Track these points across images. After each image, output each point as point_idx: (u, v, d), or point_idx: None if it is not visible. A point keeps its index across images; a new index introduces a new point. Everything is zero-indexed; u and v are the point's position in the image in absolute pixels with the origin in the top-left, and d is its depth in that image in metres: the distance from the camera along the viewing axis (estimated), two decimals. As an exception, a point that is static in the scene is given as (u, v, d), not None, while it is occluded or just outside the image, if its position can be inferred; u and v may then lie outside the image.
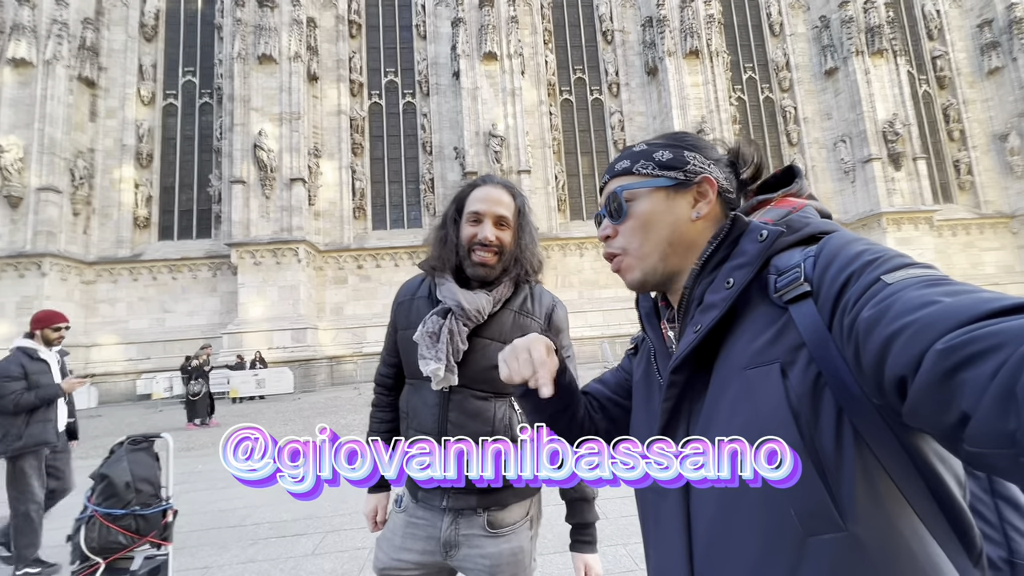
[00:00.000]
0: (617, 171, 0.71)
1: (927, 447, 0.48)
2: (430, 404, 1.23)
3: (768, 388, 0.51)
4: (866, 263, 0.49)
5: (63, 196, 16.71)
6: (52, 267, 16.04)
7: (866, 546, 0.45)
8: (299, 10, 18.47)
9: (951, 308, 0.39)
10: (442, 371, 1.17)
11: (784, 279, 0.55)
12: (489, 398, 1.22)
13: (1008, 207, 21.89)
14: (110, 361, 17.06)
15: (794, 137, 22.10)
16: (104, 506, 2.04)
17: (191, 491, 4.75)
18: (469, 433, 1.19)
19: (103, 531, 2.00)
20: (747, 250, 0.59)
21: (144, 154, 18.78)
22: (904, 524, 0.46)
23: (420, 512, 1.25)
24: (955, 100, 22.85)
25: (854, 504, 0.46)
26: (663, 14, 20.37)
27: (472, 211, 1.25)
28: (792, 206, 0.65)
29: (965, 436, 0.35)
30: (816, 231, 0.59)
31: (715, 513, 0.54)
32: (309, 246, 17.50)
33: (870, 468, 0.47)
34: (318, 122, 19.43)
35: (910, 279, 0.45)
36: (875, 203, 19.83)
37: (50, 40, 17.03)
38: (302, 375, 15.78)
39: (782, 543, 0.48)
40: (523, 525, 1.25)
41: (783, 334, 0.53)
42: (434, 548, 1.22)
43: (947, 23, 23.41)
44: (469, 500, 1.20)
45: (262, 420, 9.90)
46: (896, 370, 0.40)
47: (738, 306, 0.58)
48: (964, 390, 0.35)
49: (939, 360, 0.36)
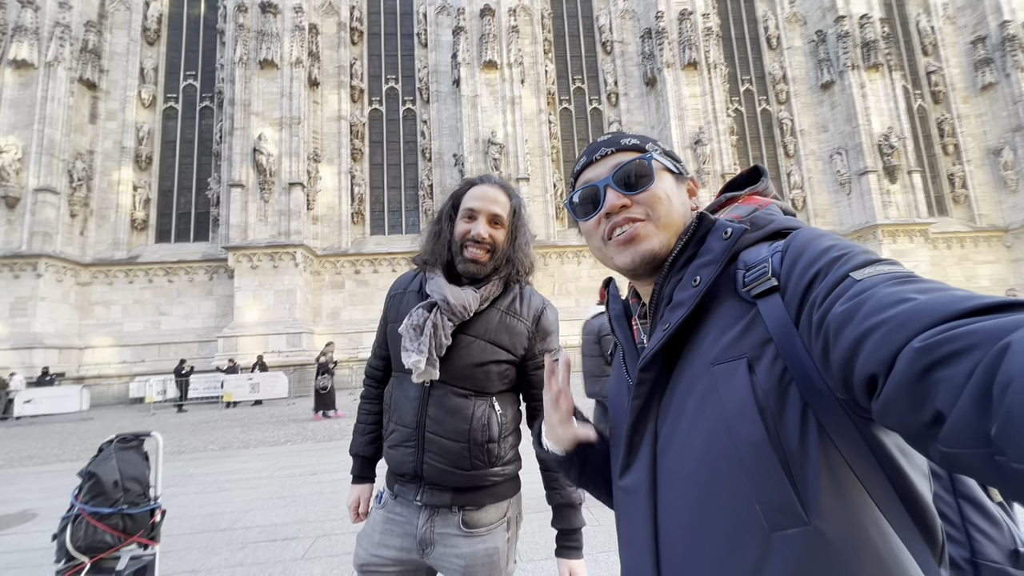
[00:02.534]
0: (626, 145, 0.68)
1: (889, 442, 0.48)
2: (411, 398, 1.22)
3: (735, 383, 0.52)
4: (833, 259, 0.49)
5: (61, 197, 16.70)
6: (48, 268, 15.98)
7: (830, 540, 0.45)
8: (301, 17, 18.62)
9: (925, 306, 0.39)
10: (423, 364, 1.16)
11: (752, 274, 0.56)
12: (469, 396, 1.21)
13: (1002, 221, 22.11)
14: (104, 363, 16.94)
15: (791, 149, 22.31)
16: (91, 504, 2.02)
17: (182, 494, 4.70)
18: (447, 430, 1.19)
19: (89, 530, 1.98)
20: (713, 248, 0.59)
21: (143, 156, 18.81)
22: (867, 519, 0.46)
23: (398, 508, 1.25)
24: (949, 115, 23.14)
25: (818, 498, 0.46)
26: (662, 26, 20.62)
27: (467, 208, 1.25)
28: (758, 204, 0.66)
29: (940, 436, 0.35)
30: (781, 227, 0.60)
31: (681, 510, 0.54)
32: (307, 250, 17.49)
33: (834, 463, 0.47)
34: (318, 127, 19.51)
35: (879, 275, 0.45)
36: (871, 215, 19.99)
37: (52, 42, 17.11)
38: (297, 380, 15.69)
39: (747, 539, 0.48)
40: (499, 527, 1.24)
41: (751, 329, 0.53)
42: (411, 545, 1.21)
43: (941, 39, 23.76)
44: (444, 497, 1.20)
45: (256, 424, 9.83)
46: (868, 368, 0.40)
47: (706, 302, 0.58)
48: (939, 389, 0.35)
49: (915, 359, 0.36)
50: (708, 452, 0.52)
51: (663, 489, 0.57)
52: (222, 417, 11.56)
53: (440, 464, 1.17)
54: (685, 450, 0.55)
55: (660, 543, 0.56)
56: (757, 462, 0.49)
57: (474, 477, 1.19)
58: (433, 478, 1.18)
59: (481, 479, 1.20)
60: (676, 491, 0.55)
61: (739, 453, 0.50)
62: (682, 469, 0.55)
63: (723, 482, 0.51)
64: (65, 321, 16.63)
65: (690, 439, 0.55)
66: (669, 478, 0.57)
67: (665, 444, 0.58)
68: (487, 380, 1.22)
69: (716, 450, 0.52)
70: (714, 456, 0.52)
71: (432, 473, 1.18)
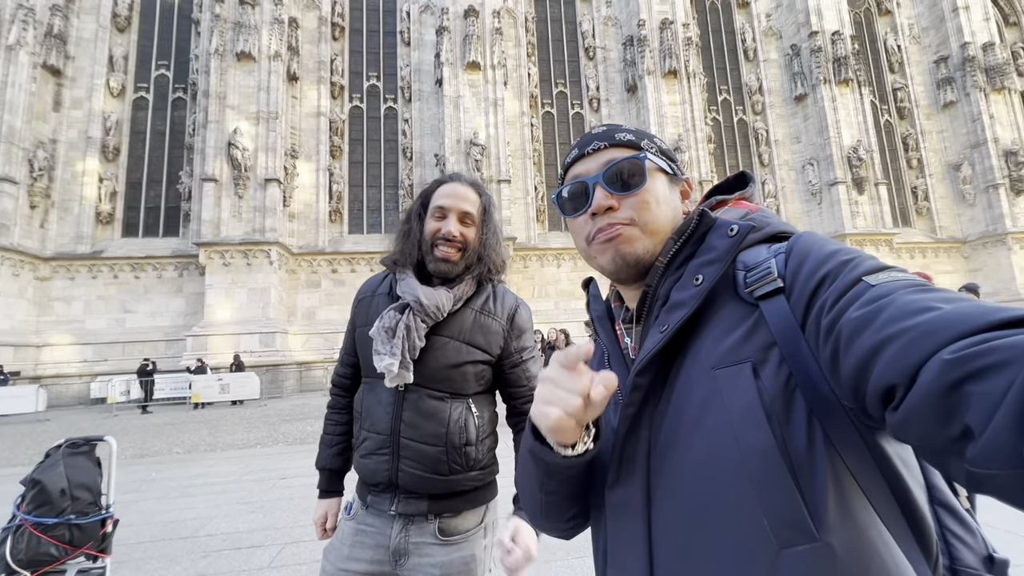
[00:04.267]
0: (620, 141, 0.64)
1: (892, 452, 0.46)
2: (384, 403, 1.19)
3: (739, 388, 0.49)
4: (843, 262, 0.48)
5: (20, 187, 15.91)
6: (3, 261, 15.19)
7: (839, 557, 0.43)
8: (281, 9, 18.22)
9: (952, 316, 0.37)
10: (396, 367, 1.12)
11: (755, 275, 0.53)
12: (445, 398, 1.19)
13: (960, 232, 23.19)
14: (63, 362, 16.18)
15: (765, 158, 22.91)
16: (35, 514, 1.88)
17: (142, 500, 4.50)
18: (423, 434, 1.15)
19: (32, 541, 1.84)
20: (716, 246, 0.57)
21: (111, 147, 18.07)
22: (873, 531, 0.44)
23: (369, 519, 1.20)
24: (913, 130, 24.19)
25: (827, 512, 0.44)
26: (644, 34, 20.93)
27: (438, 206, 1.23)
28: (748, 208, 0.64)
29: (968, 455, 0.33)
30: (780, 230, 0.59)
31: (680, 526, 0.51)
32: (282, 248, 17.08)
33: (839, 473, 0.45)
34: (296, 123, 19.10)
35: (895, 282, 0.43)
36: (840, 224, 20.68)
37: (14, 25, 16.31)
38: (269, 380, 15.28)
39: (753, 557, 0.45)
40: (476, 533, 1.21)
41: (754, 332, 0.51)
42: (383, 557, 1.17)
43: (907, 58, 24.82)
44: (420, 505, 1.16)
45: (225, 426, 9.53)
46: (886, 377, 0.38)
47: (704, 304, 0.56)
48: (971, 404, 0.33)
49: (945, 370, 0.34)
50: (710, 462, 0.49)
51: (658, 503, 0.53)
52: (189, 419, 11.17)
53: (416, 470, 1.14)
54: (684, 461, 0.51)
55: (655, 562, 0.52)
56: (765, 472, 0.45)
57: (452, 482, 1.16)
58: (409, 486, 1.15)
59: (459, 484, 1.17)
60: (674, 505, 0.51)
61: (745, 463, 0.46)
62: (680, 481, 0.51)
63: (727, 495, 0.47)
64: (21, 317, 15.83)
65: (690, 449, 0.51)
66: (665, 491, 0.53)
67: (661, 455, 0.54)
68: (463, 382, 1.20)
69: (719, 460, 0.48)
70: (717, 467, 0.48)
71: (408, 480, 1.15)
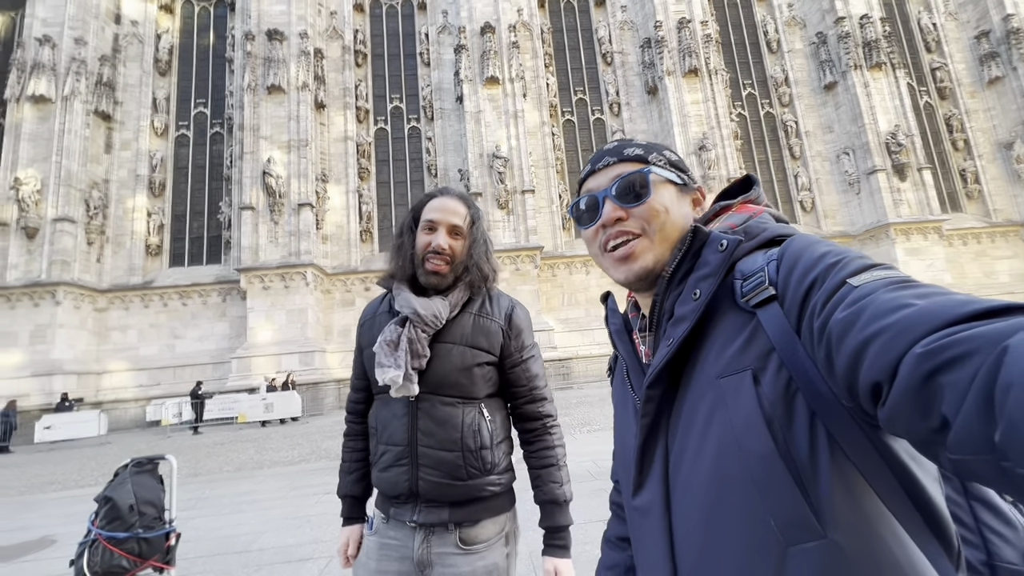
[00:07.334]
0: (628, 156, 0.68)
1: (899, 447, 0.47)
2: (399, 415, 1.21)
3: (741, 396, 0.51)
4: (829, 265, 0.49)
5: (78, 226, 17.13)
6: (66, 296, 16.32)
7: (848, 552, 0.45)
8: (307, 42, 19.10)
9: (924, 311, 0.38)
10: (400, 379, 1.15)
11: (749, 283, 0.55)
12: (457, 404, 1.21)
13: (1019, 215, 21.69)
14: (120, 388, 17.17)
15: (796, 151, 22.20)
16: (107, 529, 2.02)
17: (197, 517, 4.70)
18: (440, 440, 1.18)
19: (106, 555, 1.98)
20: (710, 260, 0.59)
21: (157, 183, 19.28)
22: (883, 527, 0.45)
23: (391, 532, 1.22)
24: (957, 110, 22.92)
25: (832, 509, 0.45)
26: (661, 35, 20.81)
27: (428, 219, 1.27)
28: (751, 212, 0.66)
29: (947, 443, 0.35)
30: (775, 234, 0.60)
31: (697, 529, 0.54)
32: (317, 269, 17.68)
33: (845, 471, 0.46)
34: (325, 148, 19.87)
35: (876, 281, 0.45)
36: (882, 214, 19.75)
37: (69, 77, 17.72)
38: (310, 398, 15.75)
39: (763, 554, 0.48)
40: (498, 542, 1.22)
41: (753, 340, 0.53)
42: (409, 569, 1.19)
43: (944, 36, 23.65)
44: (441, 514, 1.18)
45: (270, 444, 9.86)
46: (872, 375, 0.40)
47: (707, 314, 0.58)
48: (944, 394, 0.34)
49: (917, 364, 0.36)
50: (718, 467, 0.52)
51: (677, 505, 0.57)
52: (236, 438, 11.61)
53: (436, 478, 1.16)
54: (696, 465, 0.54)
55: (677, 560, 0.56)
56: (767, 476, 0.48)
57: (470, 488, 1.17)
58: (430, 494, 1.17)
59: (477, 490, 1.18)
60: (690, 507, 0.55)
61: (749, 467, 0.49)
62: (695, 484, 0.54)
63: (735, 497, 0.50)
64: (83, 347, 16.92)
65: (700, 454, 0.54)
66: (682, 494, 0.56)
67: (676, 460, 0.58)
68: (472, 384, 1.22)
69: (726, 465, 0.51)
70: (724, 470, 0.51)
71: (428, 489, 1.17)
